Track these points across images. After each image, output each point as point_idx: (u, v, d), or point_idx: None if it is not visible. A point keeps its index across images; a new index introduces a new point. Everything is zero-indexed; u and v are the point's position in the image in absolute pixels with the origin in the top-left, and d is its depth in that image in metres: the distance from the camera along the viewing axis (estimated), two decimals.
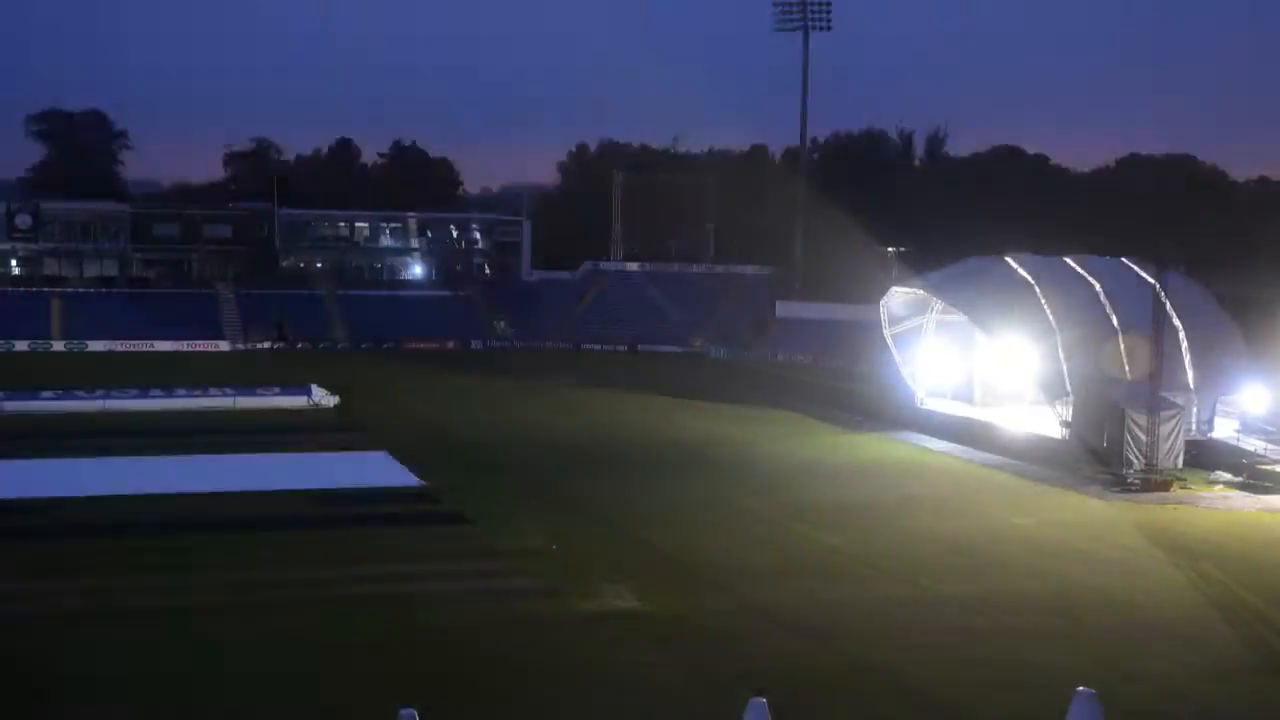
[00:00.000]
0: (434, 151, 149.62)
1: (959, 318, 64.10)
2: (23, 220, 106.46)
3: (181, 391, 70.88)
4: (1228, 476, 52.51)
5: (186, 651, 29.34)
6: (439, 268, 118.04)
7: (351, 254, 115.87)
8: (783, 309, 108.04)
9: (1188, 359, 57.96)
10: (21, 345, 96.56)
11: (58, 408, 66.20)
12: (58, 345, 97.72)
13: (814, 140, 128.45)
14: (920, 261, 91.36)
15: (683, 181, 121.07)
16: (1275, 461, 53.24)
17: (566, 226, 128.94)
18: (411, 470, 51.86)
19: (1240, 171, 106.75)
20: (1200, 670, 29.35)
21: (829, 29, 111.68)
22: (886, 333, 71.05)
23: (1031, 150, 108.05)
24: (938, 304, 65.60)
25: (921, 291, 64.57)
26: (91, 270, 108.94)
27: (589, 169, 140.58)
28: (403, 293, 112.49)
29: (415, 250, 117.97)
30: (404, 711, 20.99)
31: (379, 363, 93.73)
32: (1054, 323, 58.38)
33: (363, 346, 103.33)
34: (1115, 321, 59.03)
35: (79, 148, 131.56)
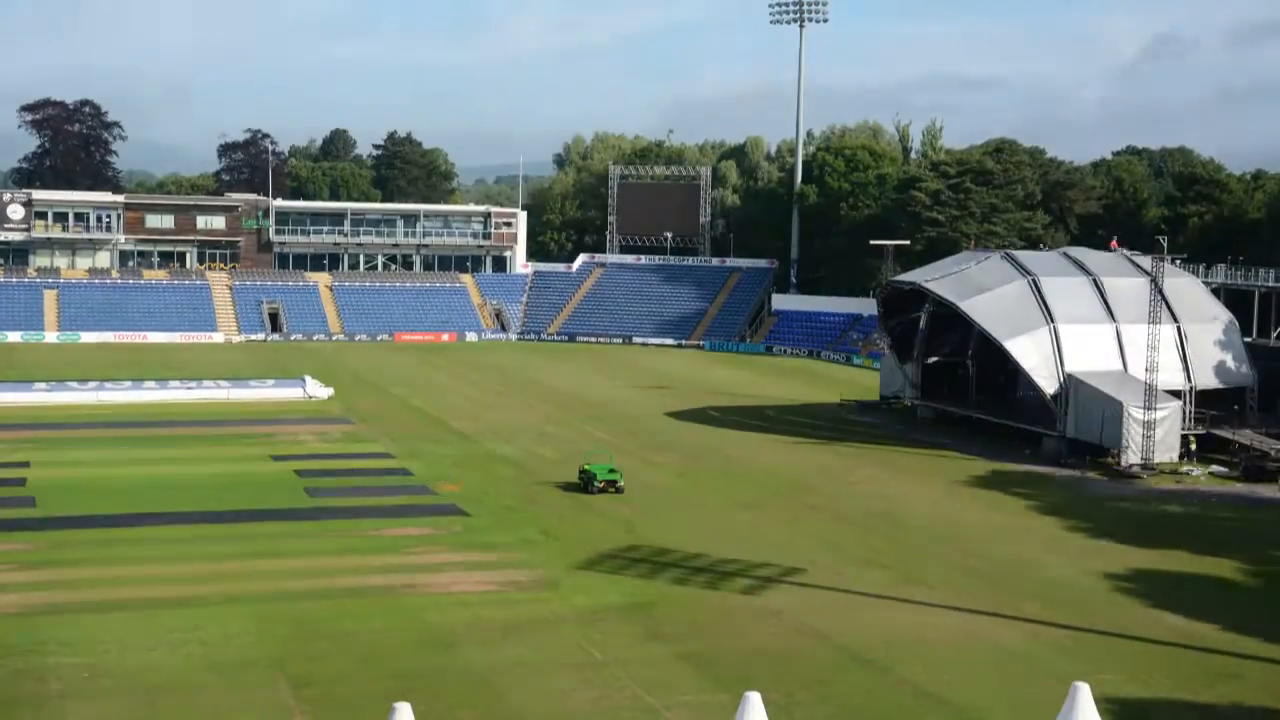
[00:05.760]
0: (428, 143, 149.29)
1: (955, 311, 63.91)
2: (15, 210, 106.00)
3: (175, 384, 70.63)
4: (1224, 470, 52.45)
5: (182, 643, 29.19)
6: (433, 259, 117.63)
7: (345, 245, 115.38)
8: (779, 302, 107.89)
9: (1185, 352, 57.88)
10: (14, 336, 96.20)
11: (51, 399, 65.89)
12: (51, 337, 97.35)
13: (810, 132, 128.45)
14: (916, 255, 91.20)
15: (678, 174, 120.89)
16: (1268, 455, 53.17)
17: (562, 218, 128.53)
18: (407, 462, 51.73)
19: (1236, 164, 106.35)
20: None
21: (825, 21, 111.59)
22: (883, 326, 70.97)
23: (1028, 143, 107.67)
24: (934, 297, 65.39)
25: (918, 285, 64.44)
26: (85, 261, 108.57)
27: (584, 160, 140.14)
28: (397, 284, 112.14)
29: (410, 242, 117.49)
30: (398, 705, 20.83)
31: (373, 354, 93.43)
32: (1051, 316, 58.29)
33: (357, 338, 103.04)
34: (1112, 314, 58.96)
35: (73, 138, 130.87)
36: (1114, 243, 68.75)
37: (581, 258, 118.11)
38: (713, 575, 36.03)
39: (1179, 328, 58.17)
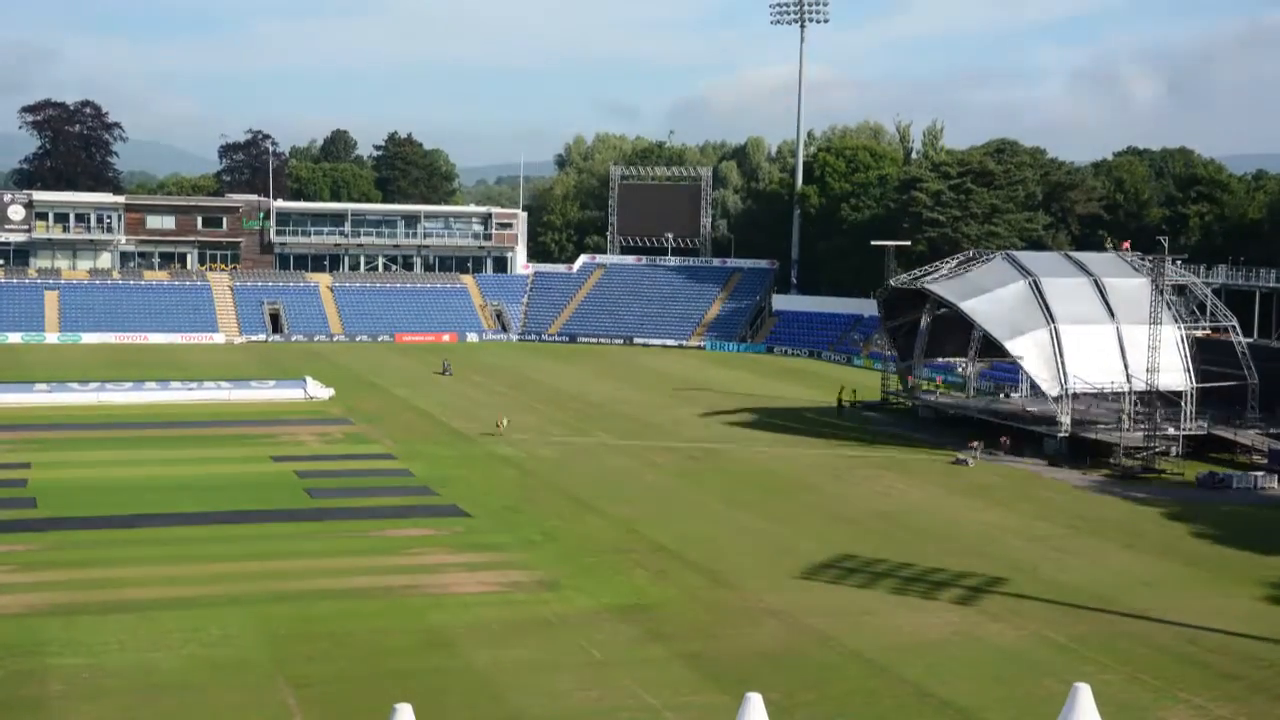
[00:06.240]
0: (429, 144, 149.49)
1: (956, 312, 63.93)
2: (16, 211, 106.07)
3: (176, 384, 70.64)
4: (1223, 471, 52.42)
5: (182, 643, 29.19)
6: (434, 260, 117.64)
7: (346, 246, 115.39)
8: (780, 302, 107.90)
9: (1185, 352, 57.86)
10: (15, 337, 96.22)
11: (51, 400, 65.89)
12: (52, 337, 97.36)
13: (811, 133, 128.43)
14: (918, 255, 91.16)
15: (679, 175, 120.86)
16: (1264, 455, 53.15)
17: (562, 219, 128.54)
18: (408, 463, 51.74)
19: (1237, 165, 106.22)
20: None
21: (826, 22, 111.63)
22: (884, 327, 70.99)
23: (1029, 144, 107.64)
24: (935, 298, 65.46)
25: (918, 286, 64.47)
26: (85, 262, 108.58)
27: (585, 161, 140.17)
28: (398, 285, 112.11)
29: (410, 242, 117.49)
30: (398, 705, 20.84)
31: (374, 355, 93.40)
32: (1052, 316, 58.29)
33: (358, 339, 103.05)
34: (1112, 315, 58.96)
35: (73, 139, 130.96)
36: (1126, 245, 68.76)
37: (582, 258, 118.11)
38: (714, 575, 36.02)
39: (1179, 328, 58.17)
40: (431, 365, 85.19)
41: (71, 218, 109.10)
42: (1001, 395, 68.73)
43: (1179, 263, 64.79)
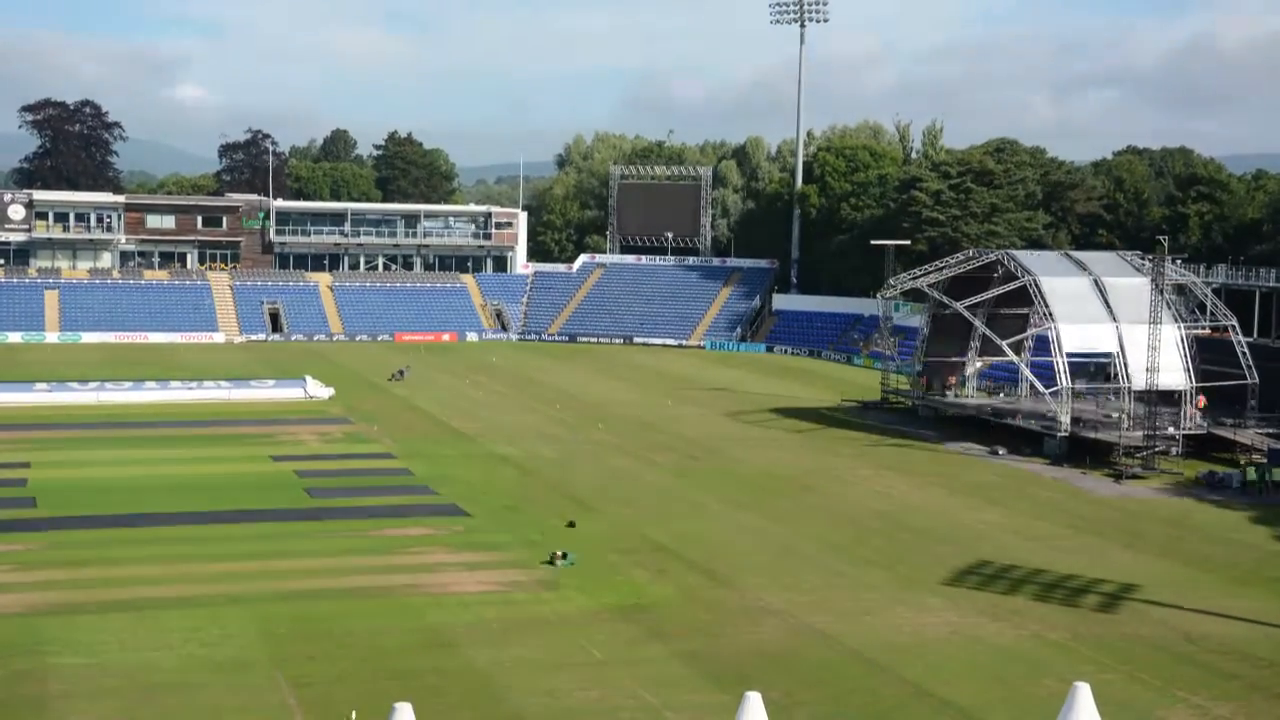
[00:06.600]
0: (429, 143, 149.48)
1: (957, 311, 63.95)
2: (16, 211, 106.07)
3: (176, 384, 70.61)
4: (1223, 470, 52.41)
5: (182, 643, 29.18)
6: (434, 259, 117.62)
7: (346, 245, 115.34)
8: (780, 302, 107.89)
9: (1185, 351, 57.86)
10: (15, 336, 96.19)
11: (51, 399, 65.85)
12: (52, 337, 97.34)
13: (810, 133, 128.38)
14: (918, 255, 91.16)
15: (679, 174, 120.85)
16: (1264, 455, 53.12)
17: (562, 219, 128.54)
18: (407, 462, 51.72)
19: (1237, 165, 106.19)
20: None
21: (826, 21, 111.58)
22: (885, 326, 70.99)
23: (1029, 143, 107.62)
24: (936, 297, 65.50)
25: (919, 285, 64.51)
26: (86, 262, 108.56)
27: (585, 160, 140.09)
28: (398, 284, 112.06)
29: (410, 242, 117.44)
30: (398, 705, 20.83)
31: (374, 355, 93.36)
32: (1052, 316, 58.29)
33: (358, 338, 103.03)
34: (1113, 315, 58.95)
35: (73, 138, 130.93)
36: None
37: (582, 258, 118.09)
38: (713, 575, 36.02)
39: (1179, 327, 58.14)
40: (430, 364, 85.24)
41: (71, 217, 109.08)
42: (1001, 395, 68.73)
43: (1179, 262, 64.78)
